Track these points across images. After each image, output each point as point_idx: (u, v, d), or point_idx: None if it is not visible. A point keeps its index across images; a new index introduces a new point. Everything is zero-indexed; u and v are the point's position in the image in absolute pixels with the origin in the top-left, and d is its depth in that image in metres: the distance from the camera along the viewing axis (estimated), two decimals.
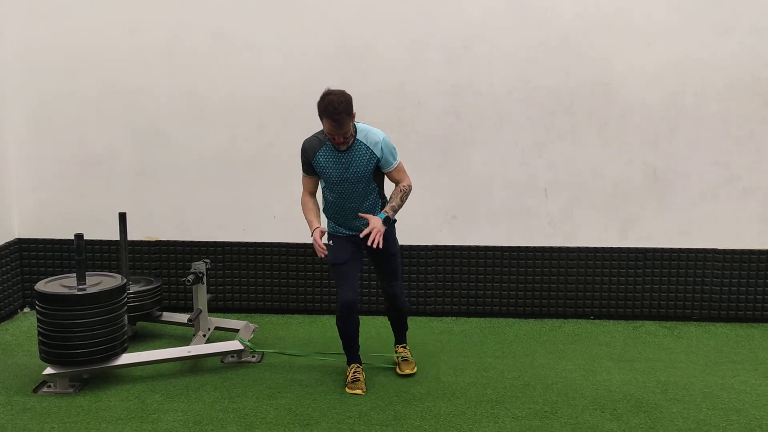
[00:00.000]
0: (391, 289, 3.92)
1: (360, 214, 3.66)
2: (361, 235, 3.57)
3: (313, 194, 3.80)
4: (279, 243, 5.09)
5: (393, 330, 4.14)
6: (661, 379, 3.99)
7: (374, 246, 3.52)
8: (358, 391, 3.77)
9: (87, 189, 5.06)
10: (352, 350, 3.91)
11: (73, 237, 3.89)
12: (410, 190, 3.76)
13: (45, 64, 4.93)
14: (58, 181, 5.06)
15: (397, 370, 4.02)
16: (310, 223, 3.71)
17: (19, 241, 5.12)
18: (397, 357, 4.08)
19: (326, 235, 3.79)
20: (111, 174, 5.05)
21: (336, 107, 3.36)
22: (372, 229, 3.52)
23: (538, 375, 4.04)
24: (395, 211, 3.68)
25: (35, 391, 3.78)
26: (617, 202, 4.97)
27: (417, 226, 4.88)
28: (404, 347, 4.13)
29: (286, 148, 4.93)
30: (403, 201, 3.72)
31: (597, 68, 4.83)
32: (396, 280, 3.93)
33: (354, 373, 3.84)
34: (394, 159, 3.68)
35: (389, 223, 3.68)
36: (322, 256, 3.63)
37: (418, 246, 5.03)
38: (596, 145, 4.92)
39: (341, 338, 3.87)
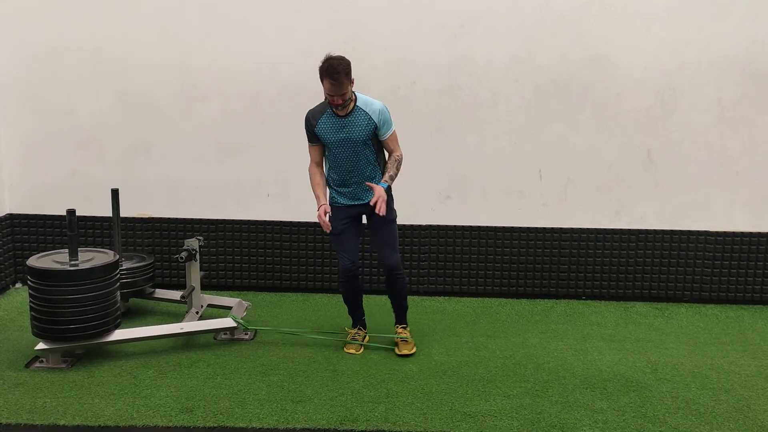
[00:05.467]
0: (388, 261, 3.94)
1: (367, 183, 3.87)
2: (372, 202, 3.74)
3: (319, 165, 3.98)
4: (272, 221, 5.08)
5: (393, 309, 4.17)
6: (651, 359, 4.02)
7: (379, 213, 3.73)
8: (352, 351, 4.04)
9: (79, 165, 5.02)
10: (354, 314, 4.19)
11: (65, 213, 3.87)
12: (402, 159, 3.98)
13: (35, 40, 4.87)
14: (50, 156, 5.02)
15: (396, 350, 4.05)
16: (317, 198, 3.93)
17: (11, 217, 5.09)
18: (396, 337, 4.10)
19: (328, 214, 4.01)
20: (103, 150, 5.01)
21: (335, 68, 3.58)
22: (378, 198, 3.72)
23: (530, 354, 4.07)
24: (393, 179, 3.92)
25: (27, 366, 3.78)
26: (611, 184, 4.98)
27: (411, 206, 4.87)
28: (404, 328, 4.15)
29: (280, 125, 4.92)
30: (398, 170, 3.95)
31: (593, 50, 4.82)
32: (393, 250, 3.97)
33: (354, 335, 4.14)
34: (390, 128, 3.90)
35: (390, 192, 3.93)
36: (328, 231, 3.88)
37: (412, 225, 5.03)
38: (591, 127, 4.91)
39: (344, 302, 4.16)
